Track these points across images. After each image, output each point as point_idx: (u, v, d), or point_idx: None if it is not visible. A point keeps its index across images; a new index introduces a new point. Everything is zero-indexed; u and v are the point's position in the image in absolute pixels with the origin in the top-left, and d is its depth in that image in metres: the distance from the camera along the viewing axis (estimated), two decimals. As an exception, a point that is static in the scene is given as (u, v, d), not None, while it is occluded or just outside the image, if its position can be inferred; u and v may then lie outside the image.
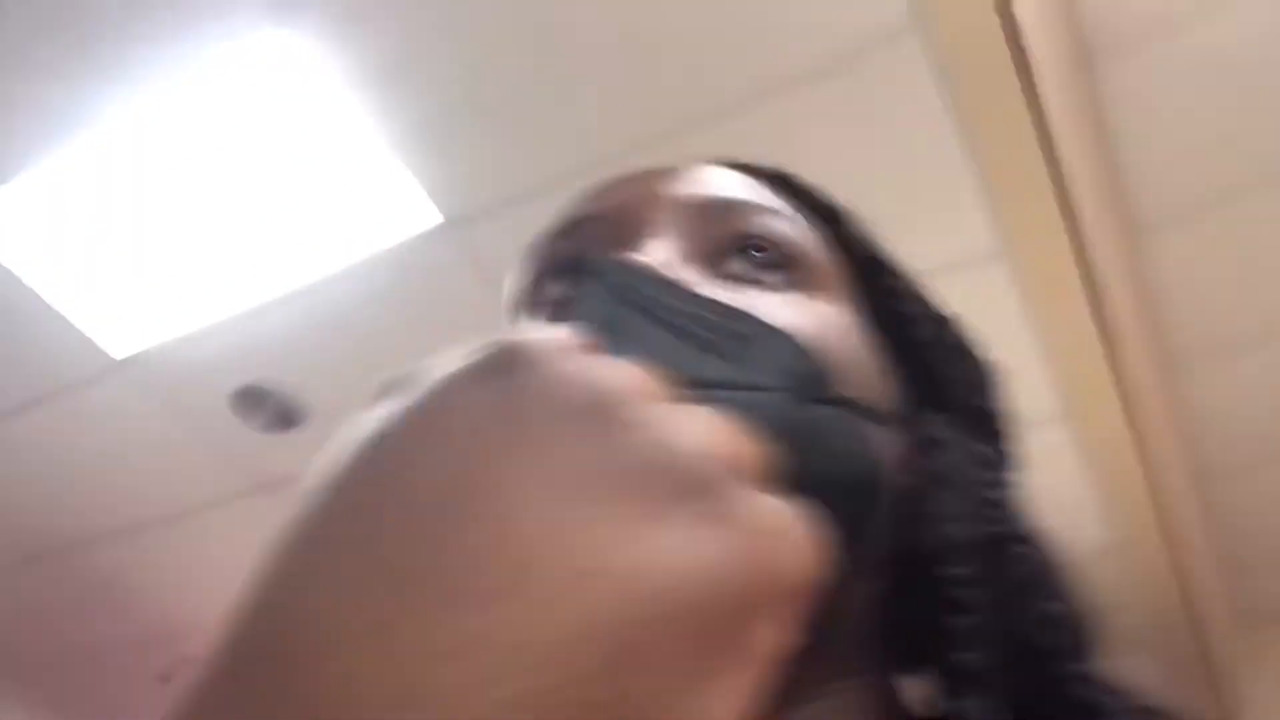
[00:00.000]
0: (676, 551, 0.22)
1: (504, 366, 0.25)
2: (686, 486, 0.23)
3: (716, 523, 0.23)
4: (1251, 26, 2.01)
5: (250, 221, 2.06)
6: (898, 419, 0.49)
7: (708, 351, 0.40)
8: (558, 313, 0.43)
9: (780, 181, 0.56)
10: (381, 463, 0.23)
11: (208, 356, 2.31)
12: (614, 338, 0.38)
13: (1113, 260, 2.15)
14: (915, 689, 0.48)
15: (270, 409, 2.41)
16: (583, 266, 0.42)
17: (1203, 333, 2.58)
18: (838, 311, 0.49)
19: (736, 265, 0.48)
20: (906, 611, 0.45)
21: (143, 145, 1.93)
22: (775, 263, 0.48)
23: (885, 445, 0.46)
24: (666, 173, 0.52)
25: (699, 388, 0.37)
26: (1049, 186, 1.83)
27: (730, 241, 0.48)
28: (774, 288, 0.47)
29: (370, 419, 0.25)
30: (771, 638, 0.23)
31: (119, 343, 2.27)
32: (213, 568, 2.65)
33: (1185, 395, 2.73)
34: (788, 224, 0.50)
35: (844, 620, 0.43)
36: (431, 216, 2.03)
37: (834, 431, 0.42)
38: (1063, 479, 2.49)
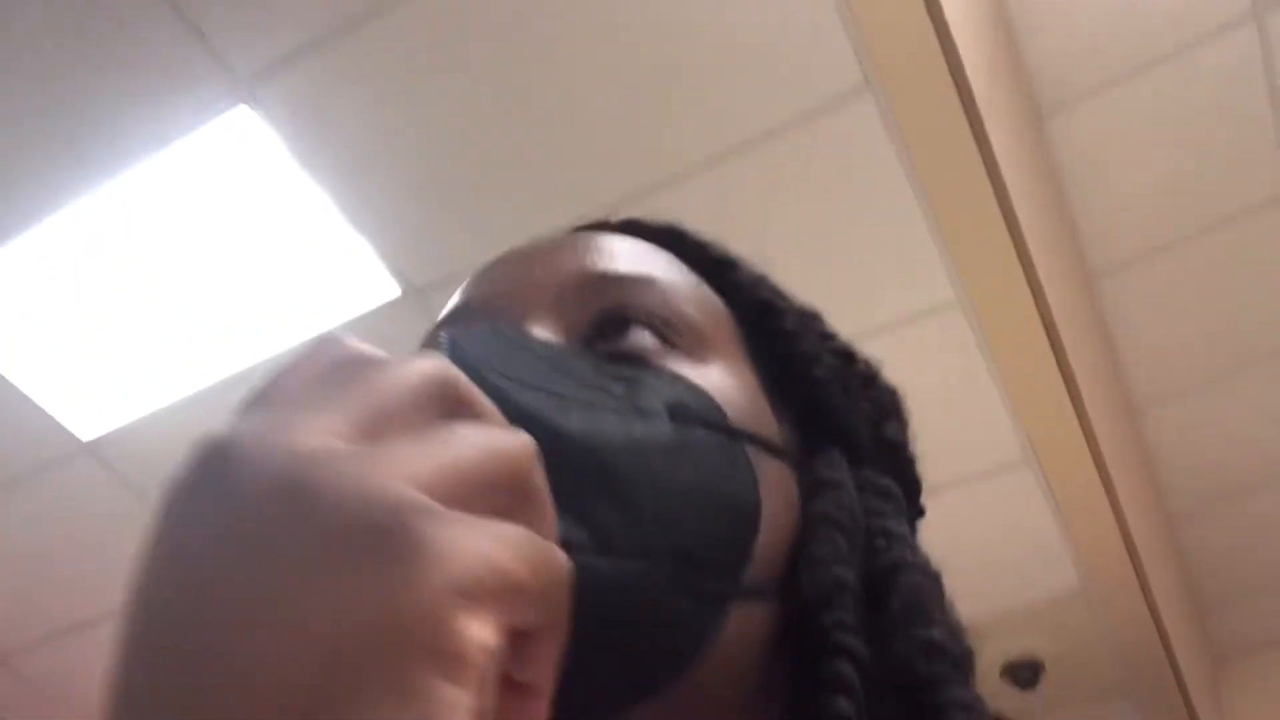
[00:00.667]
0: (342, 600, 0.24)
1: (203, 468, 0.27)
2: (362, 537, 0.24)
3: (387, 565, 0.24)
4: (1192, 73, 2.09)
5: (214, 297, 2.06)
6: (792, 459, 0.50)
7: (592, 388, 0.43)
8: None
9: (672, 237, 0.57)
10: (134, 585, 0.26)
11: (174, 434, 2.29)
12: (509, 355, 0.41)
13: (1071, 306, 2.21)
14: None
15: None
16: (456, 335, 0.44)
17: (1162, 374, 2.64)
18: (722, 365, 0.50)
19: (614, 341, 0.48)
20: (795, 656, 0.45)
21: (108, 226, 1.93)
22: (655, 332, 0.49)
23: (775, 480, 0.47)
24: (547, 249, 0.53)
25: (580, 404, 0.41)
26: (1005, 237, 1.88)
27: (603, 316, 0.49)
28: (653, 356, 0.48)
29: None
30: (479, 655, 0.24)
31: (86, 424, 2.25)
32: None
33: (1147, 437, 2.78)
34: (659, 292, 0.50)
35: (733, 660, 0.43)
36: (390, 289, 2.04)
37: (711, 453, 0.44)
38: (1032, 523, 2.52)
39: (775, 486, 0.47)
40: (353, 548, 0.24)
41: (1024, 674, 2.93)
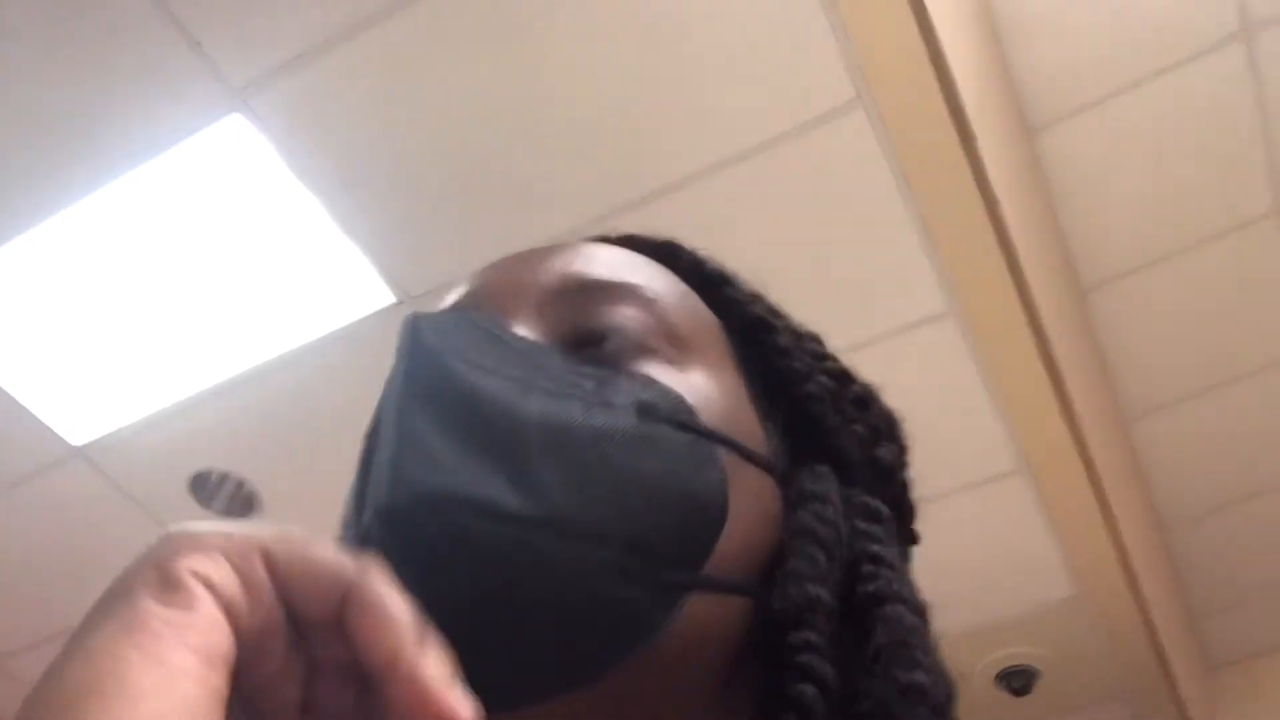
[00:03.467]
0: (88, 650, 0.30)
1: (114, 589, 0.33)
2: (110, 598, 0.32)
3: (110, 618, 0.31)
4: (1182, 89, 2.09)
5: (207, 303, 2.06)
6: (775, 470, 0.49)
7: (562, 383, 0.43)
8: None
9: (668, 251, 0.57)
10: None
11: (166, 441, 2.29)
12: (475, 344, 0.43)
13: (1062, 318, 2.21)
14: None
15: (228, 493, 2.39)
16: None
17: (1152, 386, 2.64)
18: (703, 372, 0.49)
19: (593, 345, 0.48)
20: (764, 674, 0.44)
21: (101, 233, 1.93)
22: (634, 338, 0.48)
23: (752, 486, 0.47)
24: (538, 255, 0.53)
25: (546, 392, 0.42)
26: (996, 250, 1.88)
27: (584, 322, 0.49)
28: (630, 359, 0.48)
29: None
30: (189, 578, 0.31)
31: (77, 429, 2.25)
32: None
33: (1139, 447, 2.78)
34: (642, 299, 0.50)
35: (688, 655, 0.43)
36: (384, 296, 2.04)
37: (676, 450, 0.43)
38: (1025, 532, 2.52)
39: (751, 492, 0.46)
40: (101, 608, 0.32)
41: (1018, 681, 2.93)
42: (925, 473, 0.57)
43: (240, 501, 2.40)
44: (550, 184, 1.88)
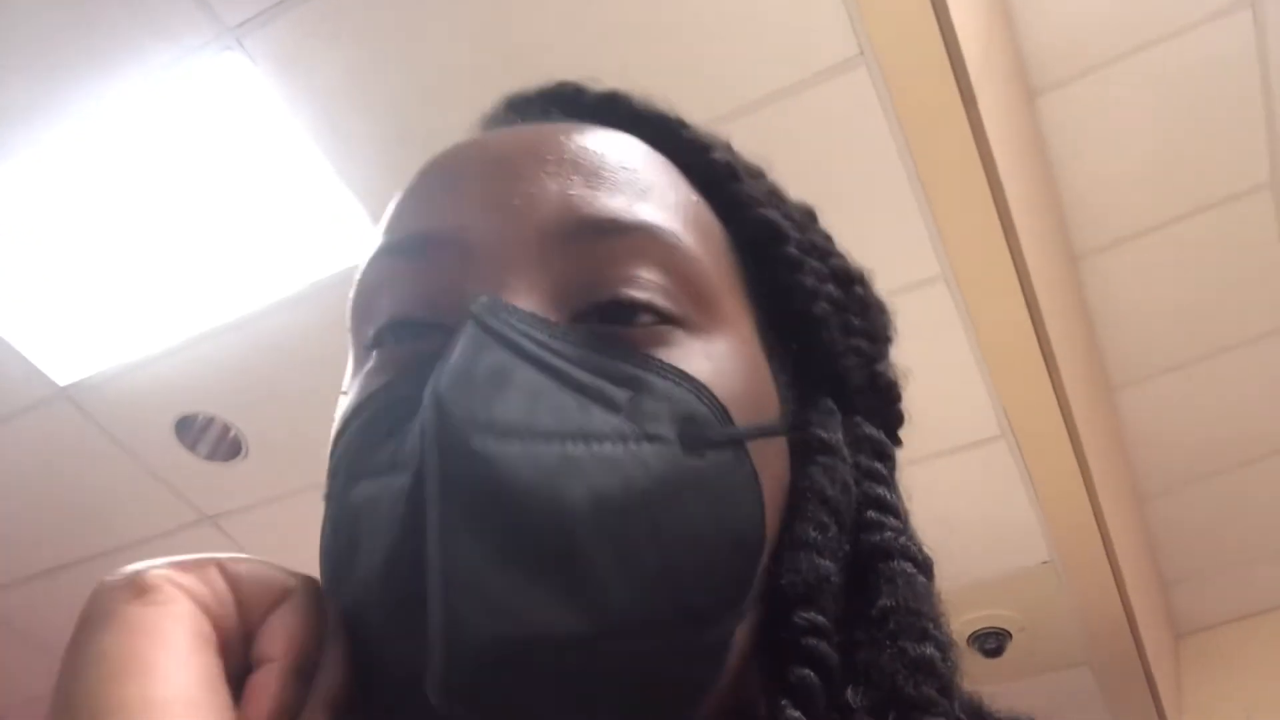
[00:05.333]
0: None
1: (83, 620, 0.36)
2: (94, 618, 0.36)
3: (106, 629, 0.35)
4: (1186, 56, 2.09)
5: (196, 247, 2.04)
6: (787, 424, 0.47)
7: (596, 402, 0.39)
8: (426, 363, 0.39)
9: (667, 130, 0.52)
10: None
11: (152, 383, 2.28)
12: (497, 389, 0.37)
13: (1054, 284, 2.22)
14: None
15: (214, 437, 2.38)
16: (455, 310, 0.41)
17: (1139, 354, 2.67)
18: (727, 337, 0.45)
19: (613, 317, 0.43)
20: (765, 645, 0.43)
21: (87, 170, 1.90)
22: (657, 307, 0.44)
23: (772, 463, 0.44)
24: (518, 162, 0.46)
25: (585, 441, 0.37)
26: (992, 213, 1.88)
27: (600, 285, 0.43)
28: (657, 340, 0.43)
29: None
30: (162, 582, 0.36)
31: (63, 369, 2.23)
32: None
33: (1122, 415, 2.81)
34: (662, 250, 0.44)
35: (728, 677, 0.42)
36: (377, 242, 2.02)
37: (719, 480, 0.41)
38: (1006, 497, 2.55)
39: (775, 473, 0.44)
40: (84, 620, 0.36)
41: (991, 643, 2.98)
42: (910, 436, 0.56)
43: (226, 446, 2.39)
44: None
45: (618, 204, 0.45)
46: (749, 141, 0.57)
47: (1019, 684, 3.08)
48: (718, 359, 0.44)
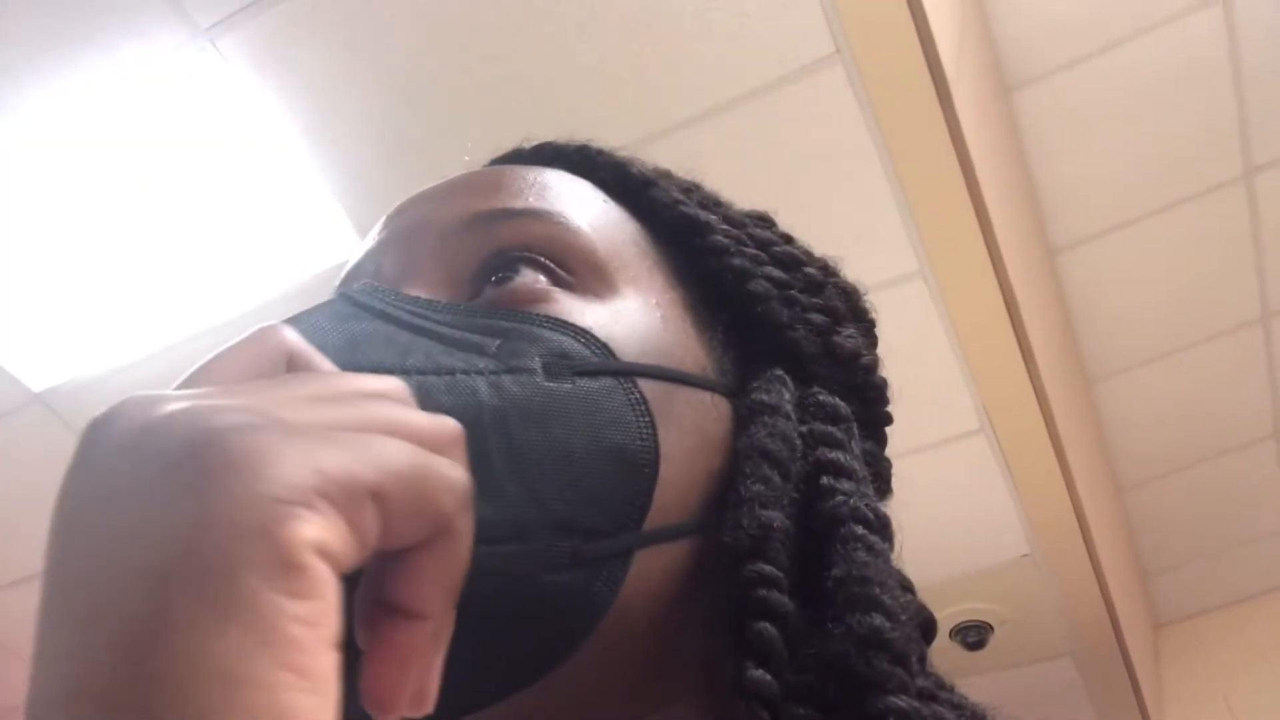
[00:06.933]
0: (166, 525, 0.25)
1: (89, 431, 0.29)
2: (184, 462, 0.26)
3: (206, 484, 0.25)
4: (1159, 51, 2.11)
5: (172, 251, 2.03)
6: (723, 386, 0.47)
7: (465, 349, 0.40)
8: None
9: (584, 159, 0.55)
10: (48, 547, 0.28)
11: (129, 389, 2.25)
12: (366, 342, 0.39)
13: (1030, 278, 2.23)
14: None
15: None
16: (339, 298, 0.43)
17: (1117, 347, 2.69)
18: (624, 299, 0.46)
19: (501, 284, 0.45)
20: (723, 615, 0.41)
21: (62, 173, 1.89)
22: (544, 270, 0.46)
23: (690, 414, 0.44)
24: (448, 189, 0.51)
25: (449, 375, 0.38)
26: (969, 208, 1.89)
27: (489, 259, 0.46)
28: (541, 298, 0.45)
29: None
30: (311, 559, 0.25)
31: (38, 375, 2.21)
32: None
33: (1100, 408, 2.83)
34: (549, 226, 0.47)
35: (641, 610, 0.40)
36: (356, 245, 2.01)
37: (591, 403, 0.40)
38: (985, 490, 2.56)
39: (688, 421, 0.44)
40: (176, 474, 0.25)
41: (973, 636, 3.00)
42: (890, 430, 0.56)
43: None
44: (525, 132, 1.86)
45: (510, 199, 0.49)
46: (726, 139, 0.58)
47: (1002, 676, 3.10)
48: (612, 314, 0.45)
